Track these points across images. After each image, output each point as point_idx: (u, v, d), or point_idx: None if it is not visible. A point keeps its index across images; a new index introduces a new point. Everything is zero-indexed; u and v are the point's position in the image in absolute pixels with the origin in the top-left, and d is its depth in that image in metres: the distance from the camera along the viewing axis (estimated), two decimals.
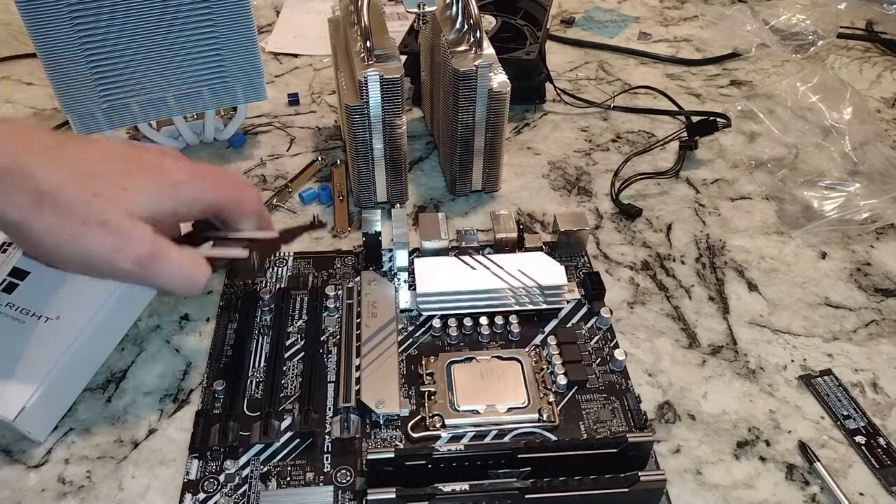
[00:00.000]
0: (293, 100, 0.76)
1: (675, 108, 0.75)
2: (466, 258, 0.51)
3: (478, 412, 0.44)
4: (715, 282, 0.56)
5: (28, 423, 0.43)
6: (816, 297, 0.54)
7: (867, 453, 0.44)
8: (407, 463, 0.38)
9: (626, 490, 0.37)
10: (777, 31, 0.86)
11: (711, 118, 0.68)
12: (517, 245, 0.54)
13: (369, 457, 0.37)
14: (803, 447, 0.44)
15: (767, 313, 0.53)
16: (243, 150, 0.69)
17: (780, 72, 0.82)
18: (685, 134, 0.69)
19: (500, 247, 0.54)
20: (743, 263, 0.57)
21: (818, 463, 0.43)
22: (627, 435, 0.39)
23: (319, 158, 0.66)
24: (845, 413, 0.46)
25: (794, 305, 0.54)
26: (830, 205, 0.61)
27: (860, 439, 0.44)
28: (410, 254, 0.53)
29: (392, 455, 0.37)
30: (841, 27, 0.87)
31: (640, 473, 0.37)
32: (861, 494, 0.42)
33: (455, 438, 0.43)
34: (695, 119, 0.70)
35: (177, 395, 0.47)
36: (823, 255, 0.58)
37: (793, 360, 0.50)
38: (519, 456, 0.38)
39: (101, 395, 0.47)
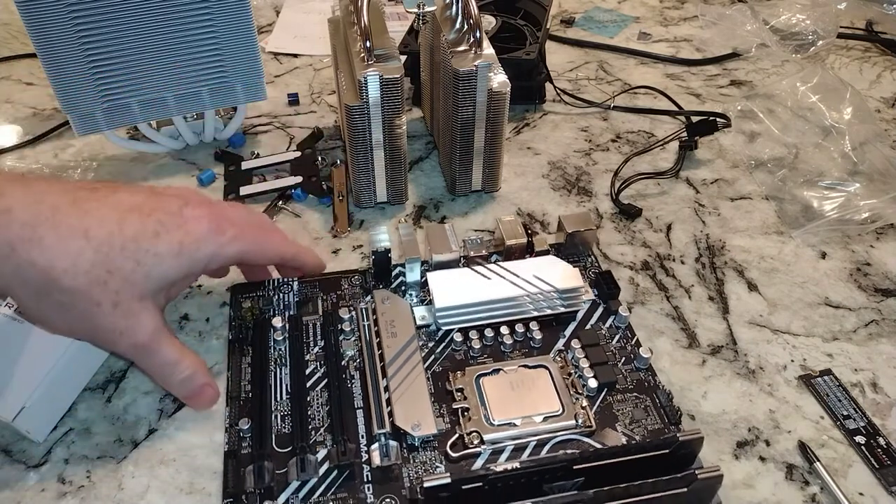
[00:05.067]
0: (293, 100, 0.76)
1: (675, 108, 0.75)
2: (479, 268, 0.50)
3: (515, 424, 0.43)
4: (715, 282, 0.56)
5: (28, 423, 0.43)
6: (816, 297, 0.54)
7: (867, 453, 0.44)
8: (464, 487, 0.37)
9: (686, 489, 0.37)
10: (777, 31, 0.86)
11: (711, 118, 0.68)
12: (526, 250, 0.53)
13: (426, 485, 0.36)
14: (803, 447, 0.44)
15: (767, 313, 0.53)
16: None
17: (780, 72, 0.82)
18: (685, 134, 0.69)
19: (509, 254, 0.53)
20: (743, 263, 0.57)
21: (818, 463, 0.43)
22: (678, 435, 0.39)
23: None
24: (845, 413, 0.46)
25: (794, 305, 0.54)
26: (830, 205, 0.61)
27: (860, 439, 0.44)
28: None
29: (449, 480, 0.36)
30: (841, 27, 0.87)
31: (696, 472, 0.37)
32: (861, 494, 0.42)
33: (495, 453, 0.42)
34: (695, 119, 0.70)
35: None
36: (823, 255, 0.58)
37: (793, 360, 0.50)
38: (575, 467, 0.38)
39: (101, 395, 0.47)
